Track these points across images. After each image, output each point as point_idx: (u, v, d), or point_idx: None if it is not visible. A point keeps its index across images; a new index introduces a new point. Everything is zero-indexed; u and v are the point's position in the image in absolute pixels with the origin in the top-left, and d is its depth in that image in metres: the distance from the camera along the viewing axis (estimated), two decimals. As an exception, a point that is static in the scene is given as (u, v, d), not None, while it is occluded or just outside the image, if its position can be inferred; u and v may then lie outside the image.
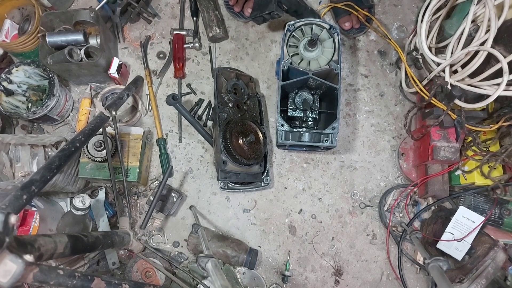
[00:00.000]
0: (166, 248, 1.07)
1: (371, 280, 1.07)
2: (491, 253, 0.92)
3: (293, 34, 1.00)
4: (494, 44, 0.87)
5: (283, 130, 0.96)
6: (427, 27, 0.98)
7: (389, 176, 1.12)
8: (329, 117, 1.05)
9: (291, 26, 1.00)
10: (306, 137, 0.96)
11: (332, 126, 0.95)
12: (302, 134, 0.96)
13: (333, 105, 0.99)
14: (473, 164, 0.99)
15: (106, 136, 0.95)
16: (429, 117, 0.99)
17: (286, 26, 1.00)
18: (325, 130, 0.95)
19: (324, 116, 1.07)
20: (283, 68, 0.97)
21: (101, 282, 0.59)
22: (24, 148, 0.95)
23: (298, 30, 1.00)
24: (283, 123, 0.95)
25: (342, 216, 1.10)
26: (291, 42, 1.00)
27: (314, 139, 0.96)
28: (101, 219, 1.03)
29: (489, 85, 0.88)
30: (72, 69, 1.04)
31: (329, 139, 0.95)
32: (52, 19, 1.04)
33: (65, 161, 0.75)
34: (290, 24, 1.00)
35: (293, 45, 1.00)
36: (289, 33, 1.00)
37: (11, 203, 0.61)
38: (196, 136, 1.13)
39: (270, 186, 1.10)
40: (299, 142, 0.97)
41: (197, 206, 1.09)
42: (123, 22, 1.17)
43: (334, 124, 0.95)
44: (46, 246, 0.57)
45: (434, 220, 1.03)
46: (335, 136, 0.95)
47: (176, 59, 1.14)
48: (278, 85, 0.99)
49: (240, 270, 1.02)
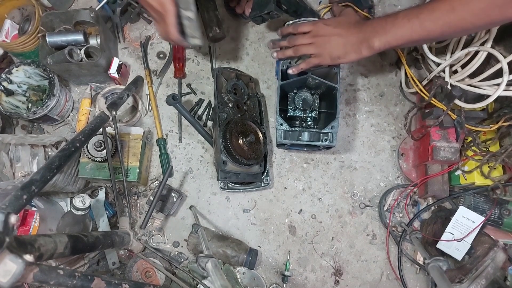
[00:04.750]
0: (166, 248, 1.07)
1: (371, 280, 1.07)
2: (491, 253, 0.92)
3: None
4: (494, 44, 0.87)
5: (282, 130, 0.96)
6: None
7: (389, 176, 1.12)
8: (329, 117, 1.05)
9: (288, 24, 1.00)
10: (305, 137, 0.96)
11: (332, 125, 0.94)
12: (301, 134, 0.96)
13: (332, 104, 0.99)
14: (473, 164, 0.99)
15: (106, 136, 0.95)
16: (429, 117, 0.99)
17: (285, 25, 1.00)
18: (325, 129, 0.95)
19: (324, 116, 1.07)
20: (282, 67, 0.97)
21: (101, 282, 0.59)
22: (24, 148, 0.95)
23: None
24: (282, 123, 0.95)
25: (342, 216, 1.10)
26: None
27: (314, 139, 0.96)
28: (101, 219, 1.03)
29: (489, 85, 0.88)
30: (72, 69, 1.04)
31: (329, 139, 0.95)
32: (52, 19, 1.04)
33: (65, 161, 0.75)
34: (289, 23, 1.00)
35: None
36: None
37: (11, 203, 0.61)
38: (196, 136, 1.13)
39: (270, 186, 1.10)
40: (298, 142, 0.97)
41: (197, 206, 1.09)
42: (123, 22, 1.18)
43: (334, 124, 0.94)
44: (46, 246, 0.57)
45: (434, 220, 1.03)
46: (335, 135, 0.95)
47: (176, 59, 1.14)
48: (277, 84, 0.99)
49: (240, 270, 1.02)
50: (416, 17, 0.76)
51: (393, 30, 0.78)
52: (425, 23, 0.75)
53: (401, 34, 0.78)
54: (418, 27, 0.76)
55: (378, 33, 0.79)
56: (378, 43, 0.80)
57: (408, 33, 0.77)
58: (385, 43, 0.80)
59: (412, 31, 0.77)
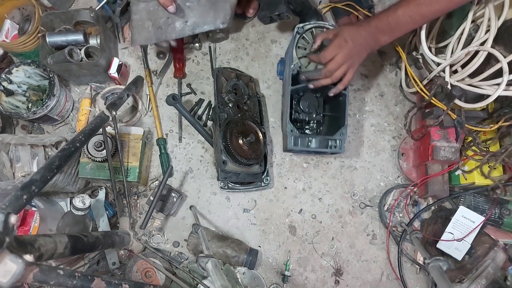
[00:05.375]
0: (166, 248, 1.07)
1: (371, 280, 1.06)
2: (491, 253, 0.92)
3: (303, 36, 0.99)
4: (494, 44, 0.87)
5: (293, 136, 0.95)
6: (427, 27, 0.98)
7: (389, 176, 1.12)
8: (333, 120, 1.04)
9: (300, 29, 0.98)
10: (314, 143, 0.96)
11: (340, 132, 0.94)
12: (310, 140, 0.96)
13: (336, 108, 0.99)
14: (473, 164, 0.99)
15: (106, 136, 0.95)
16: (429, 117, 0.99)
17: (295, 28, 0.98)
18: (334, 136, 0.94)
19: (328, 119, 1.07)
20: (292, 72, 0.95)
21: (101, 282, 0.59)
22: (24, 148, 0.95)
23: (308, 32, 0.99)
24: (292, 129, 0.94)
25: (342, 216, 1.10)
26: (300, 44, 0.99)
27: (322, 145, 0.96)
28: (101, 219, 1.03)
29: (489, 85, 0.88)
30: (72, 69, 1.04)
31: (337, 145, 0.96)
32: (52, 19, 1.04)
33: (65, 161, 0.75)
34: (299, 27, 0.98)
35: (301, 46, 0.99)
36: (298, 36, 0.98)
37: (11, 203, 0.61)
38: (196, 136, 1.13)
39: (270, 186, 1.10)
40: (308, 148, 0.96)
41: (197, 206, 1.09)
42: (123, 22, 1.17)
43: (342, 131, 0.94)
44: (46, 246, 0.57)
45: (434, 220, 1.03)
46: (343, 142, 0.95)
47: (176, 59, 1.14)
48: (286, 89, 0.97)
49: (240, 270, 1.02)
50: (418, 14, 0.83)
51: (398, 28, 0.86)
52: (426, 16, 0.84)
53: (405, 29, 0.87)
54: (420, 20, 0.85)
55: (385, 33, 0.87)
56: (384, 39, 0.88)
57: (411, 26, 0.86)
58: (391, 38, 0.89)
59: (414, 24, 0.86)
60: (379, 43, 0.89)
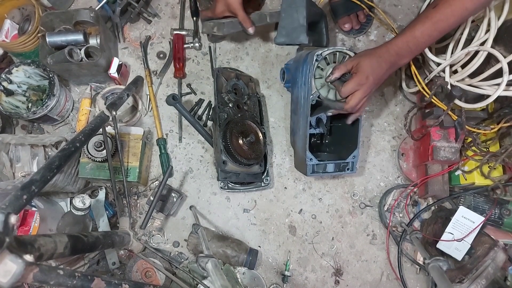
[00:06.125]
0: (166, 248, 1.07)
1: (371, 280, 1.07)
2: (491, 253, 0.92)
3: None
4: (494, 44, 0.87)
5: (311, 164, 0.95)
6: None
7: (389, 176, 1.12)
8: (339, 133, 1.04)
9: (319, 56, 0.91)
10: (330, 168, 0.98)
11: (353, 155, 0.96)
12: (326, 166, 0.97)
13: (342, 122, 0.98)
14: (473, 164, 1.00)
15: (106, 136, 0.95)
16: (429, 117, 0.99)
17: (314, 56, 0.90)
18: (347, 159, 0.96)
19: (334, 134, 1.06)
20: (312, 102, 0.92)
21: (101, 282, 0.59)
22: (24, 148, 0.95)
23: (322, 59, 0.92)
24: (311, 157, 0.95)
25: (342, 216, 1.10)
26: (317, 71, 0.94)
27: (337, 169, 0.98)
28: (101, 219, 1.03)
29: (489, 85, 0.88)
30: (72, 69, 1.04)
31: (350, 167, 0.97)
32: (52, 19, 1.04)
33: (65, 161, 0.75)
34: (318, 54, 0.91)
35: (318, 76, 0.93)
36: (317, 63, 0.91)
37: (11, 203, 0.61)
38: (196, 136, 1.13)
39: (270, 186, 1.10)
40: (325, 174, 0.98)
41: (197, 206, 1.09)
42: (123, 22, 1.17)
43: (355, 153, 0.96)
44: (46, 246, 0.57)
45: (434, 220, 1.03)
46: (355, 164, 0.97)
47: (176, 59, 1.14)
48: (301, 113, 0.96)
49: (240, 270, 1.02)
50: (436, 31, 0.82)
51: (417, 49, 0.85)
52: (444, 30, 0.83)
53: (424, 47, 0.88)
54: (437, 36, 0.84)
55: (405, 56, 0.86)
56: (404, 62, 0.88)
57: (430, 43, 0.87)
58: (410, 59, 0.88)
59: (433, 40, 0.86)
60: (399, 67, 0.89)
